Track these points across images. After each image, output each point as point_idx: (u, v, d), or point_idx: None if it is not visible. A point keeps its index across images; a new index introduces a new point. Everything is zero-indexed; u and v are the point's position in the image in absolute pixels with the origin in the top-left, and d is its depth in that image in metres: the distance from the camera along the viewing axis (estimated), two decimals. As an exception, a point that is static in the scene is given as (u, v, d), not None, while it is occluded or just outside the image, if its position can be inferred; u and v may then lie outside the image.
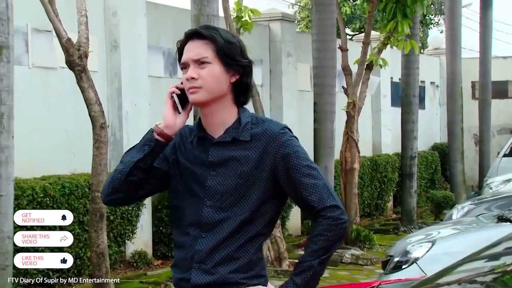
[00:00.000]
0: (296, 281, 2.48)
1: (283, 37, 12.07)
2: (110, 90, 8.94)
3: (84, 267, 7.87)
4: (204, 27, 2.58)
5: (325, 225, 2.48)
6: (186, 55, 2.54)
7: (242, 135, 2.53)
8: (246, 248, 2.51)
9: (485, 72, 16.98)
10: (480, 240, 5.42)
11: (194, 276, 2.49)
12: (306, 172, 2.50)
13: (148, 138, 2.57)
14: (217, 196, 2.52)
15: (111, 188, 2.58)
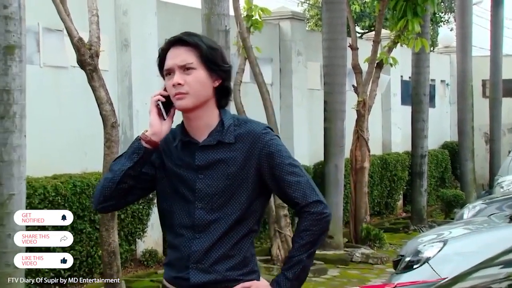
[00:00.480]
0: (288, 275, 2.59)
1: (293, 36, 12.06)
2: (121, 89, 8.96)
3: (95, 265, 7.89)
4: (186, 34, 2.64)
5: (310, 220, 2.59)
6: (171, 61, 2.60)
7: (227, 138, 2.62)
8: (240, 245, 2.61)
9: (496, 70, 16.92)
10: (492, 240, 5.41)
11: (193, 276, 2.58)
12: (289, 170, 2.60)
13: (136, 146, 2.62)
14: (207, 198, 2.60)
15: (102, 197, 2.64)
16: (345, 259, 9.73)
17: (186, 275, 2.59)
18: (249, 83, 10.87)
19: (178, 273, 2.62)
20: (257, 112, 9.82)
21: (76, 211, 7.58)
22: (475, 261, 5.12)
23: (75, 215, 7.58)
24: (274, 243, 9.15)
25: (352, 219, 10.95)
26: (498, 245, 5.25)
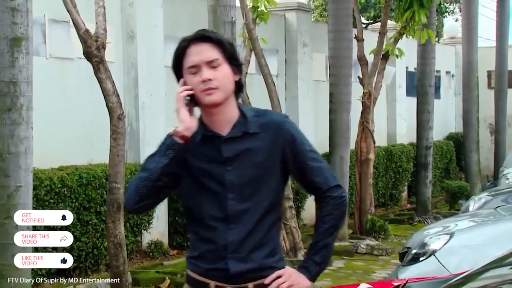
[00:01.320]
0: (316, 260, 2.70)
1: (299, 27, 12.03)
2: (127, 80, 8.96)
3: (101, 257, 7.91)
4: (205, 31, 2.71)
5: (332, 204, 2.71)
6: (196, 57, 2.64)
7: (251, 128, 2.69)
8: (271, 233, 2.70)
9: (502, 61, 16.87)
10: (498, 233, 5.42)
11: (232, 265, 2.65)
12: (311, 156, 2.72)
13: (171, 142, 2.63)
14: (237, 188, 2.66)
15: (138, 196, 2.64)
16: (350, 250, 9.74)
17: (224, 266, 2.65)
18: (255, 74, 10.86)
19: (213, 265, 2.66)
20: (262, 104, 9.82)
21: (82, 203, 7.60)
22: (481, 253, 5.13)
23: (81, 207, 7.62)
24: (279, 234, 9.16)
25: (357, 210, 10.95)
26: (505, 237, 5.27)
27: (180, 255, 9.13)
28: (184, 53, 2.66)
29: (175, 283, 7.81)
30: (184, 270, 8.08)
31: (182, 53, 2.67)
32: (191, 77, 2.65)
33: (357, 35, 11.11)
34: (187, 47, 2.66)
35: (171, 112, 10.16)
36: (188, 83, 2.65)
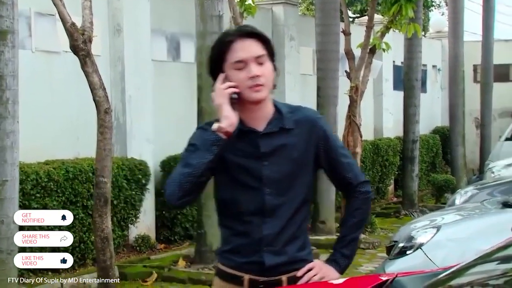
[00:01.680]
0: (345, 253, 2.78)
1: (286, 21, 12.03)
2: (113, 74, 8.92)
3: (88, 251, 7.89)
4: (250, 27, 2.72)
5: (361, 199, 2.82)
6: (245, 53, 2.64)
7: (287, 124, 2.72)
8: (302, 227, 2.77)
9: (487, 55, 16.94)
10: (484, 226, 5.44)
11: (267, 258, 2.69)
12: (342, 152, 2.82)
13: (216, 138, 2.63)
14: (274, 183, 2.70)
15: (182, 192, 2.64)
16: (337, 244, 9.76)
17: (259, 259, 2.69)
18: (242, 68, 10.84)
19: (248, 258, 2.70)
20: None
21: (68, 197, 7.58)
22: (467, 247, 5.16)
23: (68, 201, 7.59)
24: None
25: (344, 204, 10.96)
26: (490, 231, 5.30)
27: (167, 249, 9.13)
28: (228, 48, 2.65)
29: (162, 277, 7.80)
30: (171, 264, 8.12)
31: (226, 48, 2.66)
32: (237, 72, 2.65)
33: (344, 29, 11.09)
34: (232, 42, 2.65)
35: (157, 106, 10.18)
36: (232, 79, 2.65)
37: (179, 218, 9.31)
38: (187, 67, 10.19)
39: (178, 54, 10.24)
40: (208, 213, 8.02)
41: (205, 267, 7.90)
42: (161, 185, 9.34)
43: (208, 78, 9.00)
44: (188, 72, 10.07)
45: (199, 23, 8.11)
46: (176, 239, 9.39)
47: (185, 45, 10.28)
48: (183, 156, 2.71)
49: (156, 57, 9.72)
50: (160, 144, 9.36)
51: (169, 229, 9.38)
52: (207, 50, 7.96)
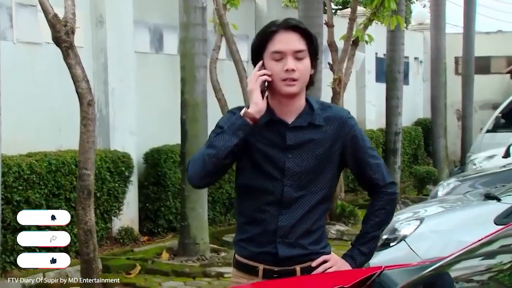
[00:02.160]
0: (363, 250, 2.80)
1: (269, 13, 12.01)
2: (96, 65, 8.86)
3: (70, 244, 7.81)
4: (296, 21, 2.75)
5: (386, 200, 2.83)
6: (284, 45, 2.68)
7: (317, 120, 2.76)
8: (320, 221, 2.79)
9: (469, 47, 17.01)
10: (466, 218, 5.49)
11: (281, 250, 2.74)
12: (371, 153, 2.83)
13: (242, 123, 2.68)
14: (295, 176, 2.74)
15: (204, 172, 2.70)
16: (320, 236, 9.79)
17: (273, 249, 2.74)
18: (225, 60, 10.83)
19: (263, 248, 2.75)
20: (233, 90, 9.82)
21: (51, 189, 7.53)
22: (450, 239, 5.20)
23: (50, 193, 7.55)
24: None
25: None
26: (472, 223, 5.35)
27: (151, 241, 9.11)
28: (271, 38, 2.70)
29: (145, 269, 7.79)
30: (154, 256, 8.11)
31: (269, 37, 2.70)
32: (274, 63, 2.70)
33: (327, 21, 11.11)
34: (275, 32, 2.69)
35: (141, 97, 10.11)
36: (268, 68, 2.70)
37: (162, 210, 9.29)
38: (170, 59, 10.16)
39: (161, 45, 10.20)
40: (191, 206, 8.02)
41: (188, 260, 7.91)
42: (144, 177, 9.32)
43: (191, 70, 9.01)
44: (171, 64, 10.04)
45: (183, 15, 8.08)
46: (159, 231, 9.38)
47: (168, 37, 10.24)
48: (209, 138, 2.77)
49: (139, 48, 9.68)
50: (143, 136, 9.33)
51: (152, 221, 9.37)
52: (190, 42, 8.02)
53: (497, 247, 2.33)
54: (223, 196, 10.17)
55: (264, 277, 2.76)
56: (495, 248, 2.33)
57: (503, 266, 2.07)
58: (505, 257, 2.21)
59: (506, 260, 2.12)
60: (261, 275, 2.76)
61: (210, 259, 7.97)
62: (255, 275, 2.78)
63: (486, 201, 5.57)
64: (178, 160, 9.14)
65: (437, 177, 14.33)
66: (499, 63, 19.91)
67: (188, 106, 8.07)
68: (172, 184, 9.25)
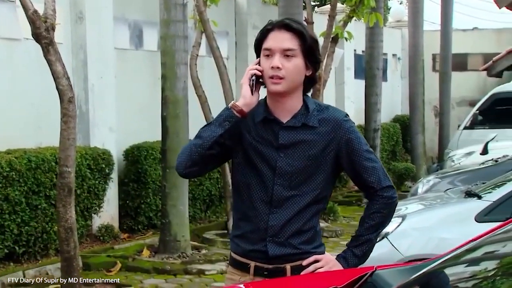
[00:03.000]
0: (356, 252, 2.80)
1: (249, 9, 12.01)
2: (76, 62, 8.80)
3: (50, 241, 7.80)
4: (292, 20, 2.77)
5: (382, 203, 2.80)
6: (274, 43, 2.71)
7: (311, 121, 2.78)
8: (312, 222, 2.80)
9: (446, 44, 17.13)
10: (447, 215, 5.55)
11: (270, 249, 2.76)
12: (367, 156, 2.80)
13: (229, 114, 2.73)
14: (286, 176, 2.76)
15: (190, 162, 2.76)
16: (300, 232, 9.82)
17: (263, 248, 2.77)
18: (205, 56, 10.81)
19: (254, 246, 2.79)
20: (213, 86, 9.80)
21: (31, 187, 7.47)
22: (431, 236, 5.26)
23: (30, 191, 7.49)
24: (230, 217, 9.18)
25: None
26: (453, 220, 5.40)
27: (131, 238, 9.08)
28: (266, 35, 2.75)
29: (126, 267, 7.76)
30: (135, 254, 8.09)
31: (264, 35, 2.75)
32: (264, 59, 2.75)
33: (307, 17, 11.13)
34: (270, 31, 2.74)
35: (120, 94, 10.06)
36: (261, 65, 2.76)
37: (142, 207, 9.26)
38: (150, 55, 10.12)
39: (141, 42, 10.16)
40: (173, 203, 8.01)
41: (169, 257, 7.90)
42: (125, 174, 9.28)
43: (172, 67, 8.98)
44: (151, 61, 10.00)
45: (163, 12, 8.06)
46: (139, 228, 9.35)
47: (148, 33, 10.20)
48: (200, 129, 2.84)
49: (119, 45, 9.62)
50: (123, 133, 9.29)
51: (132, 218, 9.33)
52: (171, 39, 8.00)
53: (481, 254, 2.31)
54: (203, 193, 10.16)
55: (255, 275, 2.79)
56: (479, 255, 2.31)
57: (487, 273, 2.06)
58: (488, 264, 2.19)
59: (490, 267, 2.11)
60: (252, 272, 2.79)
61: (191, 257, 7.97)
62: (246, 272, 2.81)
63: (466, 199, 5.62)
64: (158, 157, 9.11)
65: (416, 173, 14.42)
66: (476, 60, 20.07)
67: (169, 103, 8.05)
68: (152, 181, 9.22)
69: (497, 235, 2.39)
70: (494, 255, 2.26)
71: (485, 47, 19.75)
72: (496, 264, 2.12)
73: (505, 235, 2.33)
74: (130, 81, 9.73)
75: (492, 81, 18.78)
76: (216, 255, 8.07)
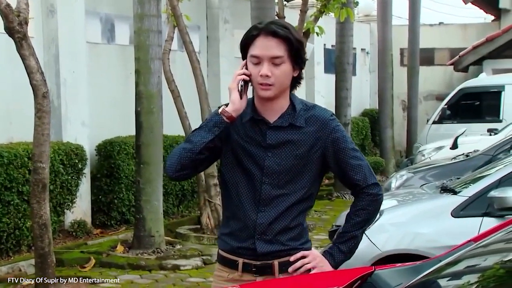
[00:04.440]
0: (342, 248, 2.85)
1: (220, 4, 11.98)
2: (47, 56, 8.69)
3: (23, 237, 7.72)
4: (277, 25, 2.75)
5: (368, 200, 2.85)
6: (261, 51, 2.72)
7: (298, 121, 2.81)
8: (299, 219, 2.84)
9: (414, 39, 17.29)
10: (423, 211, 5.60)
11: (259, 246, 2.80)
12: (353, 154, 2.84)
13: (218, 120, 2.76)
14: (274, 175, 2.79)
15: (180, 165, 2.79)
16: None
17: (251, 245, 2.81)
18: (176, 51, 10.77)
19: (242, 243, 2.83)
20: (185, 81, 9.78)
21: (3, 182, 7.38)
22: (408, 231, 5.31)
23: (2, 187, 7.40)
24: (203, 212, 9.18)
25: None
26: (428, 215, 5.46)
27: (104, 234, 9.02)
28: (252, 41, 2.75)
29: (100, 263, 7.71)
30: (109, 250, 8.04)
31: (250, 40, 2.76)
32: (252, 66, 2.77)
33: (278, 12, 11.14)
34: (256, 36, 2.74)
35: (93, 88, 9.94)
36: (249, 70, 2.77)
37: (115, 202, 9.21)
38: (121, 50, 10.05)
39: (112, 36, 10.07)
40: (147, 198, 7.97)
41: (144, 252, 7.86)
42: (97, 169, 9.21)
43: (146, 61, 8.90)
44: (123, 55, 9.94)
45: (137, 6, 8.00)
46: (112, 224, 9.29)
47: (119, 27, 10.12)
48: (191, 132, 2.86)
49: (91, 39, 9.54)
50: (96, 127, 9.22)
51: (105, 214, 9.27)
52: (145, 33, 7.95)
53: (462, 267, 2.31)
54: (176, 188, 10.13)
55: (244, 271, 2.83)
56: (460, 268, 2.30)
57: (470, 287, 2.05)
58: (470, 277, 2.18)
59: (472, 280, 2.10)
60: (241, 269, 2.83)
61: (166, 252, 7.95)
62: (235, 268, 2.85)
63: (442, 194, 5.68)
64: (131, 152, 9.06)
65: (385, 167, 14.56)
66: (442, 55, 20.28)
67: (142, 98, 8.00)
68: (125, 176, 9.17)
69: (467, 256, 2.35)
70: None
71: (451, 42, 19.98)
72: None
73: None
74: (102, 75, 9.65)
75: (459, 75, 19.03)
76: (191, 251, 8.07)
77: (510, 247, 2.25)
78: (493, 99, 13.63)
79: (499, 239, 2.31)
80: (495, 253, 2.24)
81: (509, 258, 2.15)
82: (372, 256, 5.15)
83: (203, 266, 7.71)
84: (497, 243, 2.29)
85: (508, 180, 5.15)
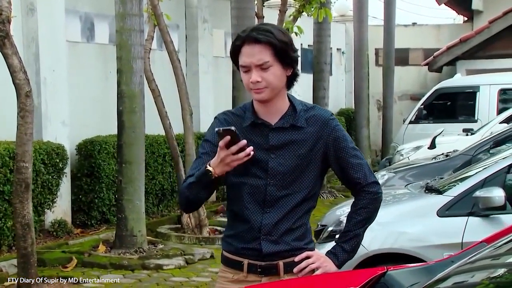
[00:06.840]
0: (345, 248, 2.90)
1: (199, 3, 11.98)
2: (27, 55, 8.61)
3: (3, 237, 7.66)
4: (258, 31, 2.77)
5: (368, 199, 2.91)
6: (248, 59, 2.77)
7: (299, 122, 2.86)
8: (303, 219, 2.90)
9: (389, 39, 17.42)
10: (410, 210, 5.66)
11: (264, 246, 2.84)
12: (353, 153, 2.90)
13: (210, 181, 2.75)
14: (279, 176, 2.84)
15: (188, 204, 2.90)
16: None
17: (257, 246, 2.85)
18: (156, 50, 10.74)
19: (248, 244, 2.87)
20: (164, 80, 9.77)
21: (-17, 182, 7.31)
22: (393, 230, 5.37)
23: (-18, 186, 7.32)
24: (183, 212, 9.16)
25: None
26: (413, 214, 5.53)
27: (84, 233, 8.97)
28: (239, 51, 2.80)
29: (82, 262, 7.67)
30: (91, 249, 8.00)
31: (237, 50, 2.80)
32: (243, 74, 2.84)
33: (257, 12, 11.17)
34: (241, 46, 2.79)
35: (73, 87, 9.86)
36: (242, 78, 2.85)
37: (96, 202, 9.16)
38: (101, 49, 10.00)
39: (92, 35, 10.01)
40: (129, 198, 7.95)
41: (126, 252, 7.84)
42: (77, 168, 9.15)
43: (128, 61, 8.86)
44: (103, 54, 9.89)
45: (119, 5, 7.96)
46: (92, 223, 9.24)
47: (99, 26, 10.06)
48: (197, 156, 2.91)
49: (70, 38, 9.47)
50: (76, 126, 9.16)
51: (85, 213, 9.22)
52: (127, 33, 7.92)
53: (450, 284, 2.32)
54: (155, 187, 10.11)
55: (249, 272, 2.87)
56: (448, 285, 2.31)
57: None
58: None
59: None
60: (246, 270, 2.87)
61: (148, 251, 7.93)
62: (240, 269, 2.88)
63: (428, 194, 5.75)
64: (112, 151, 9.02)
65: (361, 166, 14.58)
66: (416, 55, 20.46)
67: (124, 97, 7.97)
68: (106, 175, 9.13)
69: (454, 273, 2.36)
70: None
71: (425, 42, 20.17)
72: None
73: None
74: (82, 74, 9.59)
75: (432, 75, 19.22)
76: (173, 250, 8.06)
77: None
78: (468, 99, 13.78)
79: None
80: (509, 255, 2.26)
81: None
82: (359, 255, 5.19)
83: (185, 266, 7.71)
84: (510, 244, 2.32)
85: (492, 180, 5.23)
